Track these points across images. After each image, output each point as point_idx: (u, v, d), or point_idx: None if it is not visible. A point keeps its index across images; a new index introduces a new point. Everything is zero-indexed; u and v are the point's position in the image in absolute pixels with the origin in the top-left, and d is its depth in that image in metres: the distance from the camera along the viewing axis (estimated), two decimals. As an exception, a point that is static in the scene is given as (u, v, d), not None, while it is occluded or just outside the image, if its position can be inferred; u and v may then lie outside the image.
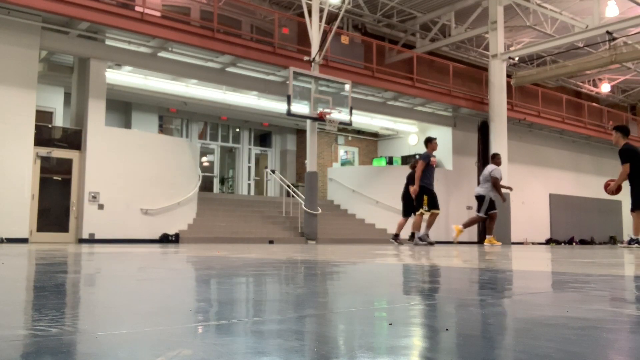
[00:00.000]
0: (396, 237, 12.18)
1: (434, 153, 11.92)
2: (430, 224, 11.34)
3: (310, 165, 14.54)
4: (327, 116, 13.92)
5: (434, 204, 11.31)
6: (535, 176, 22.02)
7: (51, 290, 1.94)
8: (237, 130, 19.58)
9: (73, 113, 13.00)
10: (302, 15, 14.89)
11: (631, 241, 9.34)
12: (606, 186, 9.95)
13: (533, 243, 20.56)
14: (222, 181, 20.15)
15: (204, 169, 17.52)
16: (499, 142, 17.81)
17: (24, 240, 11.27)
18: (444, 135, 19.56)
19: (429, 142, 11.51)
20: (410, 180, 11.95)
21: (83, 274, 2.89)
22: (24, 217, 11.37)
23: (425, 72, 18.94)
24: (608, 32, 16.21)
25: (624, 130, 9.56)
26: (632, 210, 9.38)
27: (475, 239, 19.45)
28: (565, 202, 22.86)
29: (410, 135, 20.42)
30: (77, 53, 12.55)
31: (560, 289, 2.22)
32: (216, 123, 19.01)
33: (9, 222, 11.10)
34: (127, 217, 12.55)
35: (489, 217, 12.17)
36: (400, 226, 12.27)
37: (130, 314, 1.41)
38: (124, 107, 16.63)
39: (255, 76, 15.05)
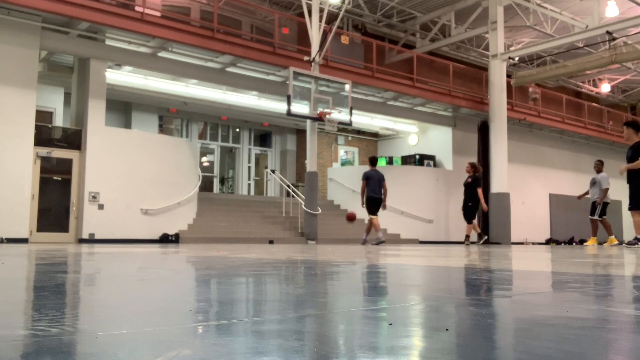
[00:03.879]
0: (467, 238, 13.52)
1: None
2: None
3: (310, 165, 14.54)
4: (327, 116, 13.92)
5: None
6: (535, 176, 22.03)
7: (51, 290, 1.94)
8: (237, 130, 19.59)
9: (73, 113, 13.01)
10: (302, 15, 14.90)
11: (635, 240, 9.35)
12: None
13: (533, 243, 20.56)
14: (222, 181, 20.15)
15: (204, 169, 17.51)
16: (499, 142, 17.82)
17: (24, 241, 11.28)
18: (444, 135, 19.59)
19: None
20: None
21: (83, 274, 2.89)
22: (24, 217, 11.38)
23: (425, 72, 18.95)
24: (608, 32, 16.21)
25: (636, 126, 9.41)
26: (631, 209, 9.35)
27: (474, 238, 19.44)
28: (565, 202, 22.85)
29: (410, 135, 20.43)
30: (77, 53, 12.55)
31: (560, 289, 2.22)
32: (216, 123, 19.02)
33: (9, 222, 11.10)
34: (127, 217, 12.55)
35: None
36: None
37: (130, 314, 1.41)
38: (124, 107, 16.64)
39: (255, 76, 15.05)
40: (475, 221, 13.70)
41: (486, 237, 13.82)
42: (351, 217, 14.89)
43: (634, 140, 9.31)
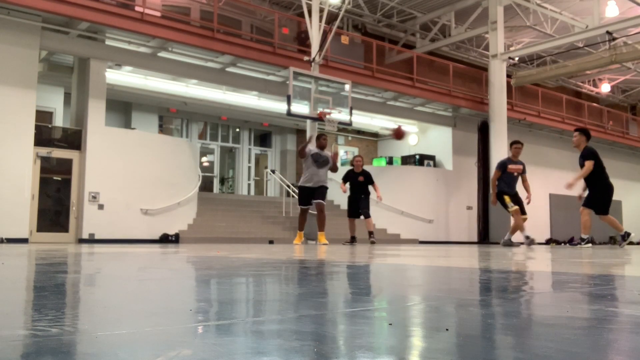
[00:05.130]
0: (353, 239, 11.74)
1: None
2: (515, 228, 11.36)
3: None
4: (327, 116, 13.91)
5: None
6: (535, 176, 21.99)
7: (51, 290, 1.94)
8: (237, 130, 19.59)
9: (73, 113, 13.01)
10: (302, 15, 14.90)
11: (623, 237, 9.47)
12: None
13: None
14: (222, 181, 20.15)
15: (204, 169, 17.52)
16: (499, 142, 17.82)
17: (24, 241, 11.28)
18: (444, 135, 19.59)
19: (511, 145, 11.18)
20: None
21: (83, 274, 2.89)
22: (24, 217, 11.38)
23: (425, 72, 18.95)
24: (608, 32, 16.22)
25: (587, 133, 9.67)
26: (599, 213, 9.52)
27: (475, 238, 19.46)
28: (565, 202, 22.83)
29: (410, 135, 20.42)
30: (77, 53, 12.55)
31: (560, 289, 2.22)
32: (216, 123, 19.02)
33: (9, 222, 11.10)
34: (127, 217, 12.56)
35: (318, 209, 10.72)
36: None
37: (130, 314, 1.41)
38: (124, 107, 16.64)
39: (255, 76, 15.06)
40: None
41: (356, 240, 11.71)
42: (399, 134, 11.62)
43: (582, 148, 9.48)
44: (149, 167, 12.98)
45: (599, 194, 9.46)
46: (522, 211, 11.22)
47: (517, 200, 11.10)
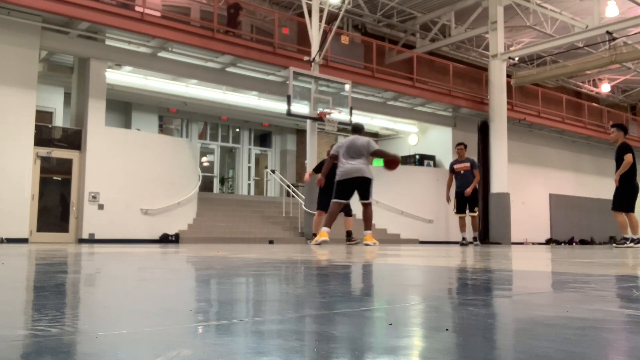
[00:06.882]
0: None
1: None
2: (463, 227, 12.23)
3: (310, 165, 14.54)
4: (327, 116, 13.92)
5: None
6: (535, 176, 22.02)
7: (51, 290, 1.94)
8: (237, 130, 19.59)
9: (73, 113, 13.01)
10: (302, 15, 14.90)
11: (632, 240, 9.33)
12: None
13: (533, 243, 20.56)
14: (222, 181, 20.15)
15: (204, 169, 17.52)
16: (499, 142, 17.82)
17: (24, 241, 11.28)
18: (444, 135, 19.59)
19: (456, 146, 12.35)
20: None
21: (83, 274, 2.89)
22: (24, 217, 11.38)
23: (425, 72, 18.96)
24: (608, 32, 16.22)
25: (624, 128, 9.69)
26: (615, 209, 9.38)
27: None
28: (565, 202, 22.85)
29: (410, 135, 20.43)
30: (77, 53, 12.55)
31: (560, 289, 2.22)
32: (216, 123, 19.02)
33: (9, 222, 11.11)
34: (127, 217, 12.56)
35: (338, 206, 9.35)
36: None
37: (130, 314, 1.41)
38: (124, 107, 16.64)
39: (255, 76, 15.06)
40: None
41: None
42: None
43: (620, 142, 9.55)
44: (149, 167, 12.99)
45: (623, 191, 9.35)
46: (471, 209, 12.02)
47: (464, 202, 11.97)
